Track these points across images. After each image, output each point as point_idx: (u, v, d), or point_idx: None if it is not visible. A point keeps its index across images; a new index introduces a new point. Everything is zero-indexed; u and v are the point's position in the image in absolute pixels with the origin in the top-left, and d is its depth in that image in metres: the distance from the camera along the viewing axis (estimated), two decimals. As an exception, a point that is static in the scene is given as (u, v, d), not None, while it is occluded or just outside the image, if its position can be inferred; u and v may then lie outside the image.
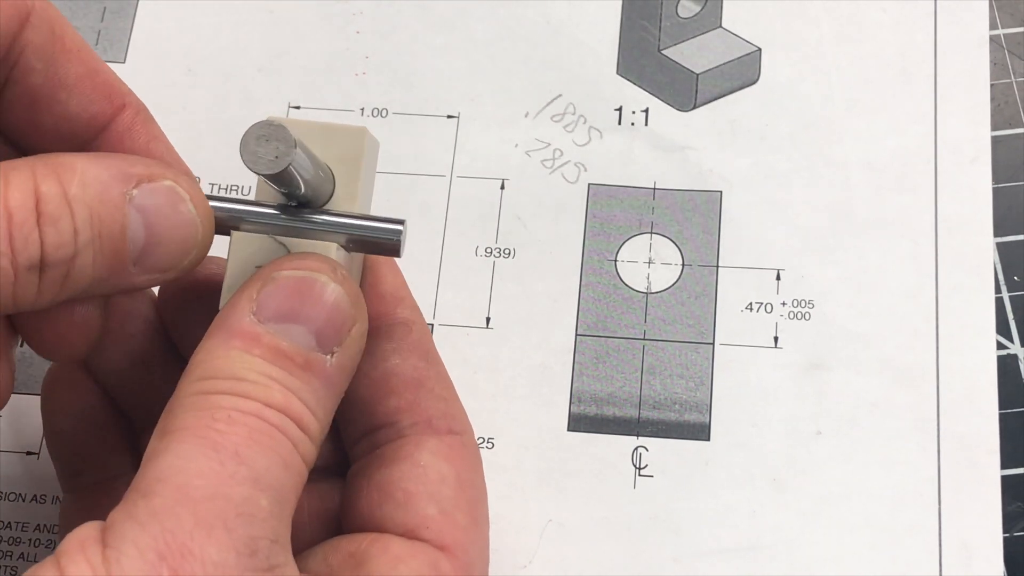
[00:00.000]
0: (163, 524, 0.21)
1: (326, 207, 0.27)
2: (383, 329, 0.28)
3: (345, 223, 0.26)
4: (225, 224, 0.26)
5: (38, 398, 0.34)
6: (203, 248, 0.25)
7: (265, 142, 0.23)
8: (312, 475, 0.24)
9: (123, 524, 0.21)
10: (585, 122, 0.37)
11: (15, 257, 0.22)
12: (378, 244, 0.26)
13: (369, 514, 0.26)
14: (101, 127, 0.26)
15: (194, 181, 0.25)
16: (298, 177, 0.24)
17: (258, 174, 0.23)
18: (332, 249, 0.26)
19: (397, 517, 0.26)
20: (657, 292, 0.35)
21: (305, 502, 0.27)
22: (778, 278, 0.35)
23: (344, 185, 0.27)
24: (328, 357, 0.24)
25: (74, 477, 0.29)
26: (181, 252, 0.25)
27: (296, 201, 0.26)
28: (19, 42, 0.25)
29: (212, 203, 0.26)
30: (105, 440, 0.29)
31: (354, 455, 0.28)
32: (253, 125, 0.23)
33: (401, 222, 0.26)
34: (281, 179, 0.24)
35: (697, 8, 0.39)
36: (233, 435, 0.22)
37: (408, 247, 0.36)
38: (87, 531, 0.21)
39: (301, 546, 0.25)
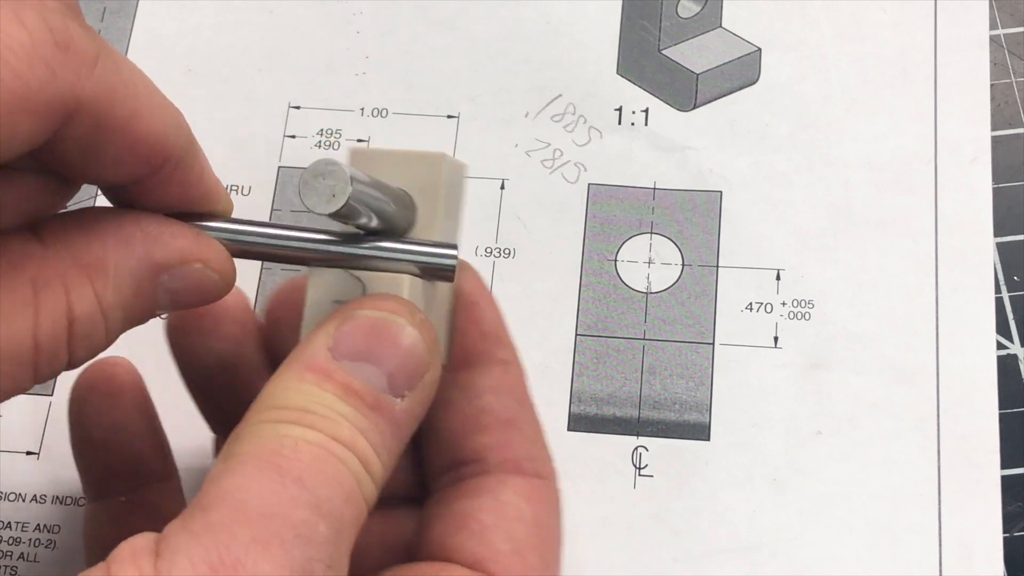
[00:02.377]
0: (218, 538, 0.20)
1: (405, 235, 0.26)
2: (481, 367, 0.27)
3: (386, 249, 0.26)
4: (257, 253, 0.26)
5: (38, 398, 0.34)
6: (225, 293, 0.26)
7: (321, 180, 0.23)
8: (389, 502, 0.24)
9: (177, 536, 0.20)
10: (585, 122, 0.37)
11: (37, 374, 0.23)
12: (432, 271, 0.26)
13: (440, 542, 0.26)
14: (137, 181, 0.25)
15: (218, 245, 0.25)
16: (364, 209, 0.24)
17: (318, 214, 0.23)
18: (406, 280, 0.25)
19: (468, 548, 0.25)
20: (657, 292, 0.35)
21: (378, 527, 0.27)
22: (778, 278, 0.35)
23: (425, 213, 0.26)
24: (398, 400, 0.23)
25: (102, 486, 0.29)
26: (201, 304, 0.25)
27: (370, 231, 0.26)
28: (57, 136, 0.22)
29: (241, 231, 0.26)
30: (138, 452, 0.29)
31: (436, 486, 0.28)
32: (311, 164, 0.23)
33: (454, 247, 0.26)
34: (345, 215, 0.24)
35: (697, 8, 0.39)
36: (297, 462, 0.22)
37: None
38: (141, 541, 0.21)
39: (366, 571, 0.25)
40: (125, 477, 0.29)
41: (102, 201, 0.26)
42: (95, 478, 0.29)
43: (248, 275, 0.35)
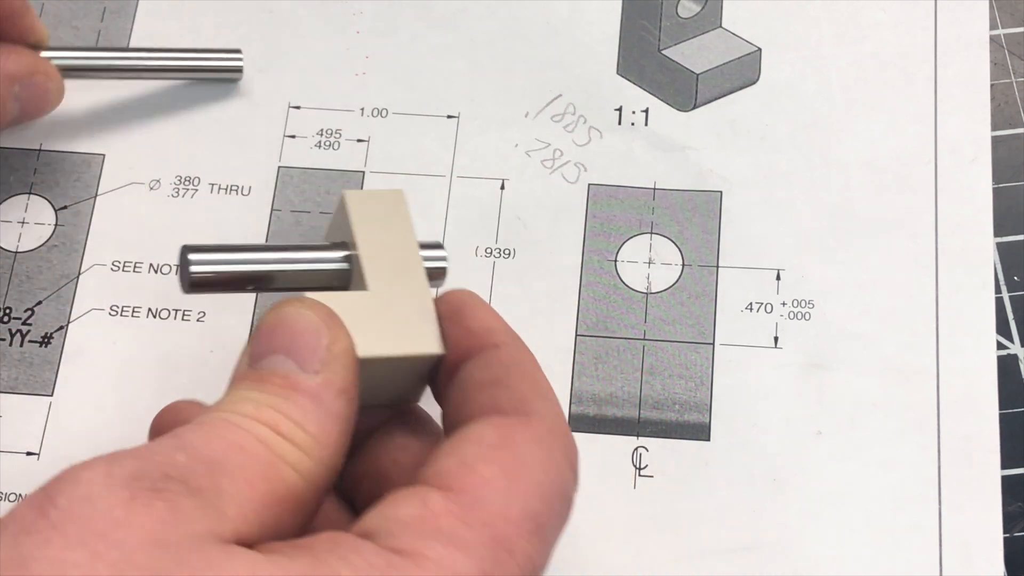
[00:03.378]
0: None
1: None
2: (473, 358, 0.27)
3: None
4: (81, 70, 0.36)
5: (38, 398, 0.34)
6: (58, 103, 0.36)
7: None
8: None
9: None
10: (585, 122, 0.37)
11: None
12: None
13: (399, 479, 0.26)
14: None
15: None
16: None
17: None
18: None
19: (414, 473, 0.25)
20: (657, 292, 0.35)
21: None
22: (778, 278, 0.35)
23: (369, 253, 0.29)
24: (312, 375, 0.24)
25: None
26: (41, 114, 0.36)
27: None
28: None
29: (67, 56, 0.36)
30: None
31: None
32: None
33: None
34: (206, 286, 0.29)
35: (697, 8, 0.39)
36: (191, 432, 0.23)
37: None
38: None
39: None
40: None
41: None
42: None
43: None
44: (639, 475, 0.33)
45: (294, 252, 0.29)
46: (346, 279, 0.29)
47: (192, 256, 0.27)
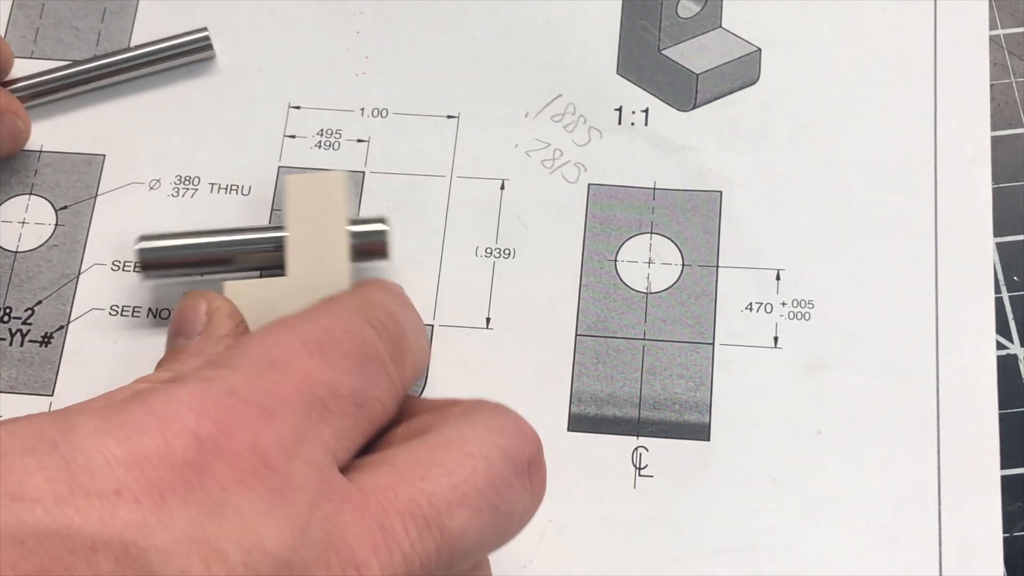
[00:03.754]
0: None
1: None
2: None
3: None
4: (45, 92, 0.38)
5: (38, 398, 0.34)
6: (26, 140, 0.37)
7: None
8: None
9: None
10: (585, 122, 0.37)
11: None
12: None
13: None
14: None
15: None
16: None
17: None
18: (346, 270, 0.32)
19: None
20: (657, 292, 0.35)
21: None
22: (778, 278, 0.35)
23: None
24: (195, 337, 0.30)
25: None
26: (12, 152, 0.37)
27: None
28: None
29: (32, 83, 0.38)
30: None
31: None
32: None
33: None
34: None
35: (697, 8, 0.39)
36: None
37: (408, 248, 0.36)
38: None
39: None
40: None
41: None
42: None
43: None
44: (639, 475, 0.33)
45: (238, 235, 0.34)
46: (279, 262, 0.33)
47: (142, 244, 0.33)
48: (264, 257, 0.33)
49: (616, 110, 0.37)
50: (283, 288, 0.32)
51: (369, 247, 0.33)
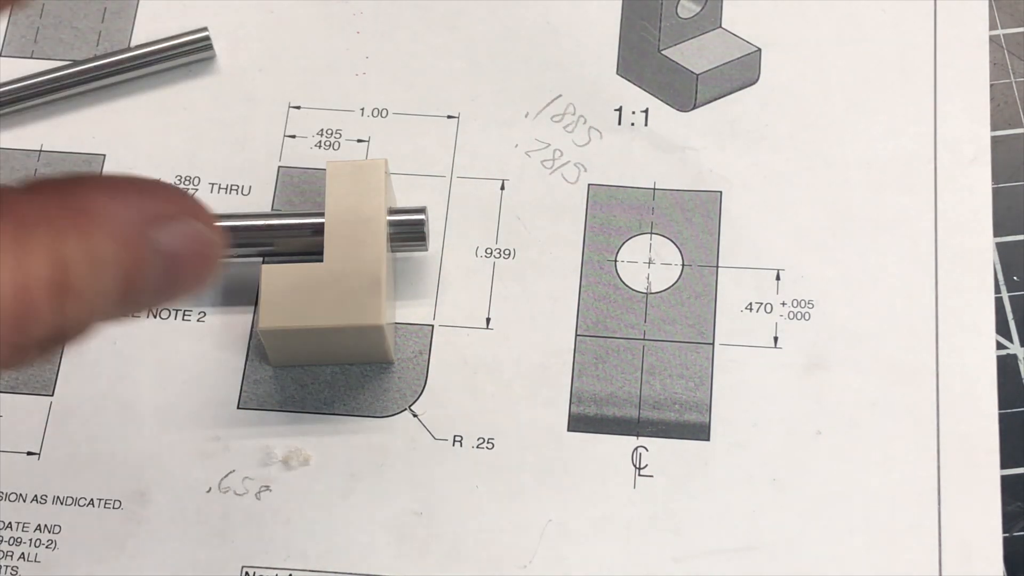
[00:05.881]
0: None
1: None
2: None
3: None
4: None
5: (38, 398, 0.34)
6: (218, 260, 0.24)
7: None
8: None
9: None
10: (585, 122, 0.37)
11: (24, 331, 0.20)
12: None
13: None
14: None
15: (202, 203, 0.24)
16: None
17: None
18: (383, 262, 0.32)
19: None
20: (657, 292, 0.35)
21: None
22: (778, 278, 0.35)
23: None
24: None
25: None
26: (195, 289, 0.23)
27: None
28: None
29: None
30: None
31: None
32: None
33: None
34: None
35: (697, 8, 0.39)
36: None
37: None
38: None
39: None
40: None
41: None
42: None
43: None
44: (639, 475, 0.33)
45: (277, 220, 0.33)
46: (319, 248, 0.32)
47: None
48: (302, 242, 0.33)
49: (616, 110, 0.37)
50: (319, 273, 0.32)
51: (406, 235, 0.34)
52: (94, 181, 0.22)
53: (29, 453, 0.34)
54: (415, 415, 0.34)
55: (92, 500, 0.33)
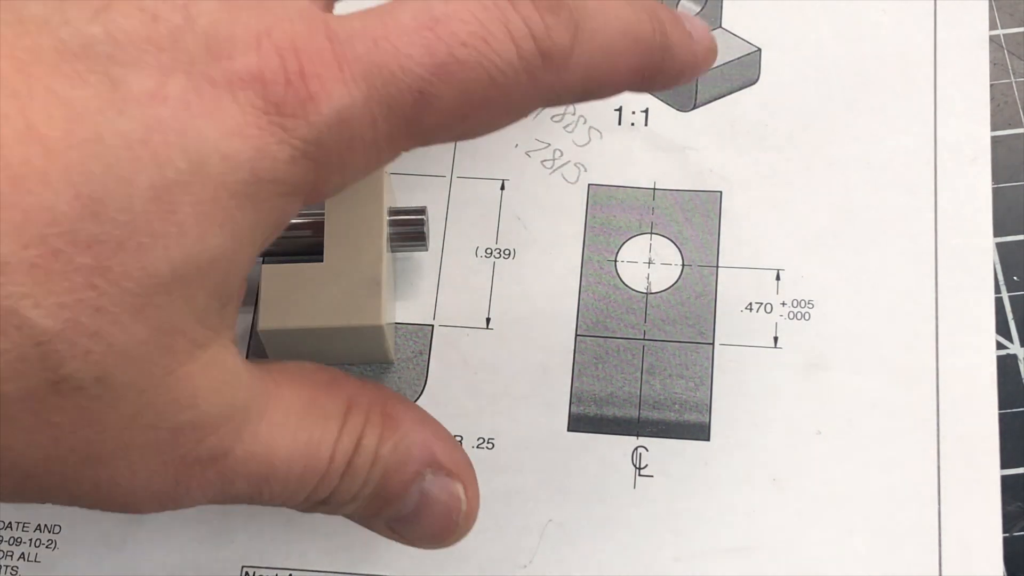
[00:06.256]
0: None
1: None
2: None
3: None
4: None
5: (38, 398, 0.34)
6: (456, 539, 0.27)
7: None
8: None
9: None
10: (585, 122, 0.37)
11: (313, 491, 0.24)
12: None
13: None
14: None
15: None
16: None
17: None
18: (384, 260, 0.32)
19: None
20: (657, 292, 0.35)
21: None
22: (778, 278, 0.35)
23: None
24: None
25: None
26: (431, 540, 0.26)
27: None
28: None
29: None
30: None
31: None
32: None
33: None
34: None
35: (697, 8, 0.39)
36: None
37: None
38: None
39: None
40: None
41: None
42: None
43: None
44: (639, 475, 0.33)
45: None
46: (319, 248, 0.32)
47: None
48: (302, 242, 0.33)
49: (616, 110, 0.37)
50: (319, 273, 0.32)
51: (406, 235, 0.34)
52: (406, 404, 0.26)
53: (29, 453, 0.34)
54: (415, 415, 0.34)
55: (92, 500, 0.33)
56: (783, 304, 0.35)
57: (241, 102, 0.20)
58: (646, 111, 0.37)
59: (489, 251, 0.36)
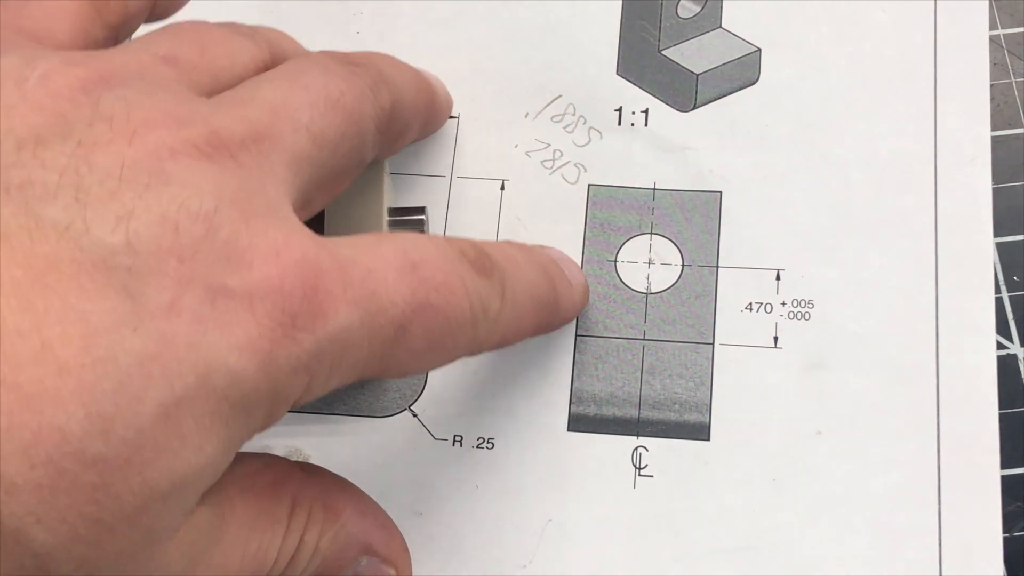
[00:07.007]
0: None
1: None
2: None
3: None
4: None
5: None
6: None
7: None
8: None
9: None
10: (585, 122, 0.37)
11: None
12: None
13: None
14: None
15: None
16: None
17: None
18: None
19: None
20: (657, 292, 0.35)
21: None
22: (778, 278, 0.35)
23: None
24: None
25: None
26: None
27: None
28: None
29: None
30: None
31: None
32: None
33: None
34: None
35: (697, 8, 0.39)
36: None
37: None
38: None
39: None
40: None
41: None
42: None
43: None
44: (639, 475, 0.33)
45: None
46: None
47: None
48: None
49: (616, 110, 0.37)
50: None
51: None
52: (351, 490, 0.28)
53: (29, 453, 0.34)
54: (415, 415, 0.34)
55: (92, 500, 0.33)
56: (783, 304, 0.35)
57: (257, 312, 0.21)
58: (646, 112, 0.37)
59: (489, 251, 0.36)
